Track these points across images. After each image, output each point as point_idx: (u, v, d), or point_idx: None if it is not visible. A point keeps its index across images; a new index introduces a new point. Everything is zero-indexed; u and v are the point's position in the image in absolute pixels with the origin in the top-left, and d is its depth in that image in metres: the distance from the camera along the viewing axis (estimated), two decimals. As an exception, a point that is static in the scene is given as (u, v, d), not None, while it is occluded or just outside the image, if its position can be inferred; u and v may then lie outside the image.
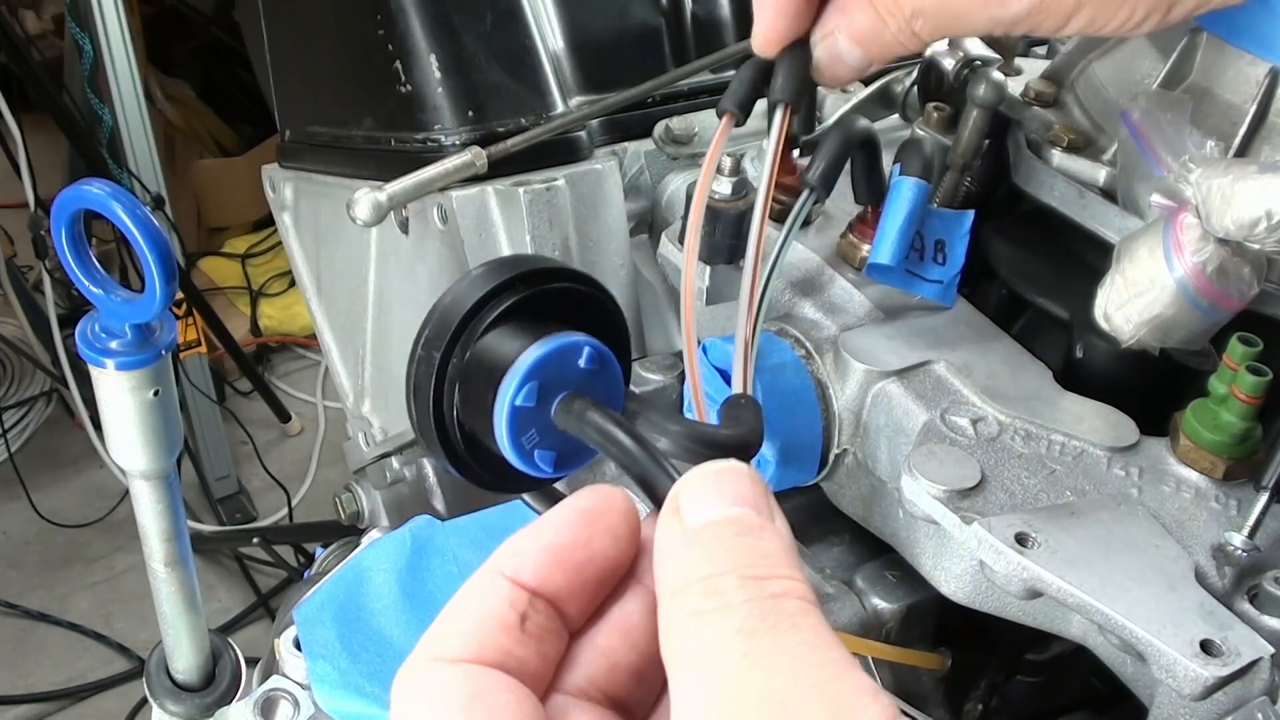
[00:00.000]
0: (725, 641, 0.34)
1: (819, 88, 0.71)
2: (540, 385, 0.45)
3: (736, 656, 0.33)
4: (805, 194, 0.65)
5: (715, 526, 0.37)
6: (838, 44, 0.57)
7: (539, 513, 0.51)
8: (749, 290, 0.53)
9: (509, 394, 0.45)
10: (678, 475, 0.39)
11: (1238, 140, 0.67)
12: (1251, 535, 0.59)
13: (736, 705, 0.32)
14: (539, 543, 0.37)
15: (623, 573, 0.39)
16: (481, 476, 0.49)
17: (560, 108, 1.00)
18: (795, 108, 0.58)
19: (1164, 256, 0.63)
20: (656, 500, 0.40)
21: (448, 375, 0.46)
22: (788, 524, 0.38)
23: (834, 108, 1.01)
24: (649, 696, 0.39)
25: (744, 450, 0.45)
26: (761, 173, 0.56)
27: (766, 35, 0.57)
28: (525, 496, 0.52)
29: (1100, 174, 0.73)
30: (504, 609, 0.36)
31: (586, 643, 0.38)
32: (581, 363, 0.46)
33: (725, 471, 0.38)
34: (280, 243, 1.73)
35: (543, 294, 0.47)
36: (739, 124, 0.62)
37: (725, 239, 0.75)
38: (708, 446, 0.44)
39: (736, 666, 0.33)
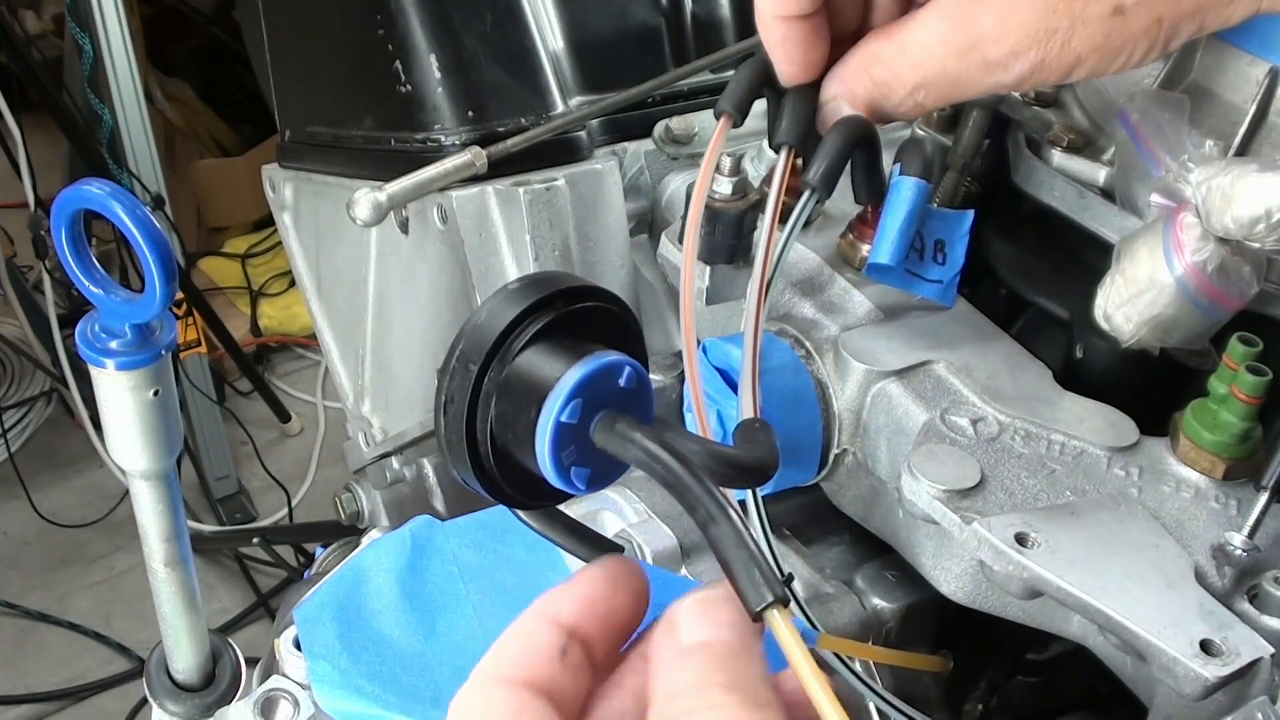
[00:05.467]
0: None
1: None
2: (584, 402, 0.46)
3: None
4: (806, 194, 0.65)
5: (706, 647, 0.42)
6: (840, 109, 0.58)
7: (537, 531, 0.52)
8: (753, 329, 0.55)
9: (554, 410, 0.45)
10: (718, 494, 0.43)
11: (1237, 140, 0.67)
12: (1251, 535, 0.59)
13: None
14: (575, 592, 0.44)
15: (634, 629, 0.45)
16: (505, 492, 0.50)
17: (560, 108, 1.00)
18: (799, 150, 0.59)
19: (1164, 256, 0.63)
20: (698, 519, 0.43)
21: (483, 390, 0.46)
22: (763, 649, 0.43)
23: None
24: None
25: (762, 471, 0.47)
26: (763, 219, 0.57)
27: (781, 71, 0.59)
28: (524, 516, 0.53)
29: (1100, 174, 0.73)
30: (548, 642, 0.42)
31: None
32: (621, 382, 0.46)
33: (714, 600, 0.43)
34: (280, 243, 1.73)
35: (576, 312, 0.48)
36: (737, 124, 0.62)
37: (725, 239, 0.75)
38: (727, 466, 0.46)
39: None
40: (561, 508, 0.54)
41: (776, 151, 0.59)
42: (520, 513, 0.52)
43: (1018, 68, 0.53)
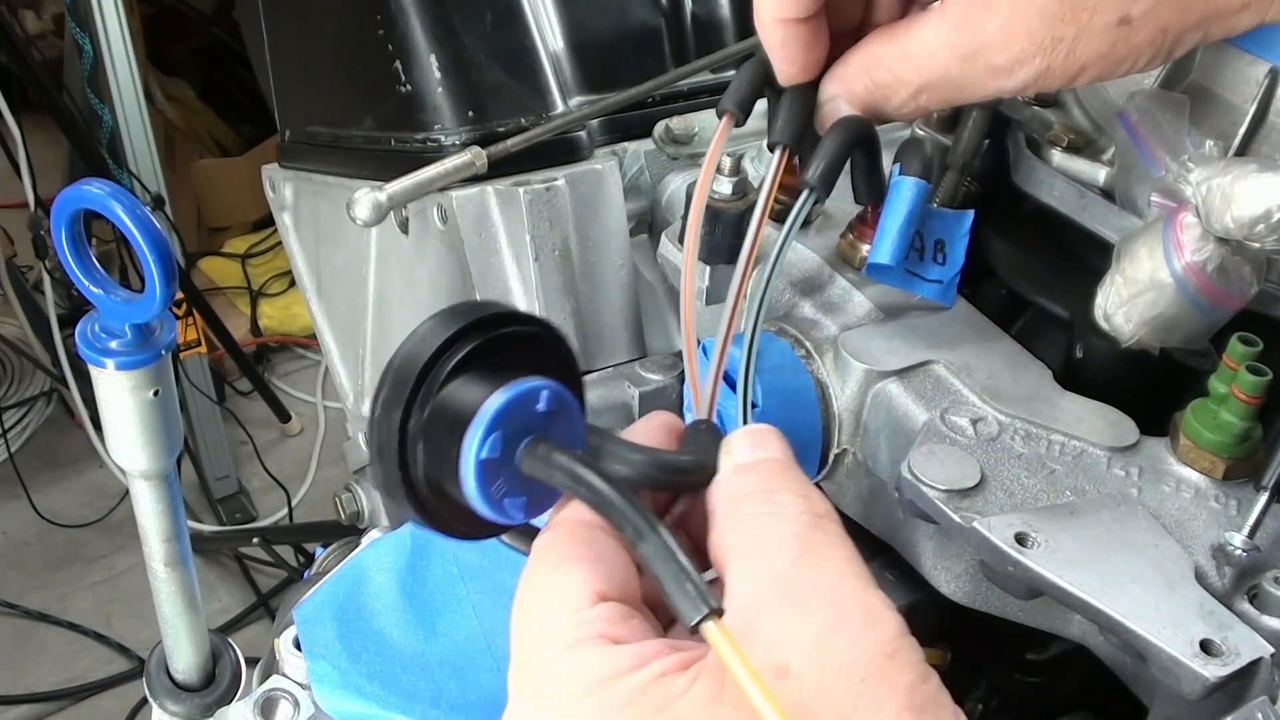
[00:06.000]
0: (783, 540, 0.44)
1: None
2: (503, 434, 0.45)
3: (791, 555, 0.43)
4: (805, 194, 0.65)
5: (762, 462, 0.47)
6: (839, 109, 0.59)
7: (518, 550, 0.52)
8: (725, 328, 0.56)
9: (474, 448, 0.45)
10: (646, 512, 0.45)
11: (1237, 140, 0.67)
12: (1251, 535, 0.59)
13: (789, 587, 0.43)
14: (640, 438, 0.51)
15: None
16: (456, 529, 0.50)
17: (560, 108, 1.00)
18: (795, 150, 0.59)
19: (1164, 256, 0.63)
20: (628, 537, 0.45)
21: (409, 435, 0.46)
22: None
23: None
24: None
25: (703, 473, 0.49)
26: (753, 215, 0.57)
27: (780, 71, 0.59)
28: (506, 540, 0.53)
29: (1100, 174, 0.73)
30: None
31: None
32: (540, 406, 0.46)
33: (763, 430, 0.49)
34: (280, 243, 1.73)
35: (493, 340, 0.47)
36: (739, 124, 0.62)
37: (725, 239, 0.75)
38: (668, 472, 0.48)
39: (792, 561, 0.43)
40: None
41: (772, 151, 0.59)
42: (503, 537, 0.52)
43: (1022, 74, 0.53)
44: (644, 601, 0.47)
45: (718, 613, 0.41)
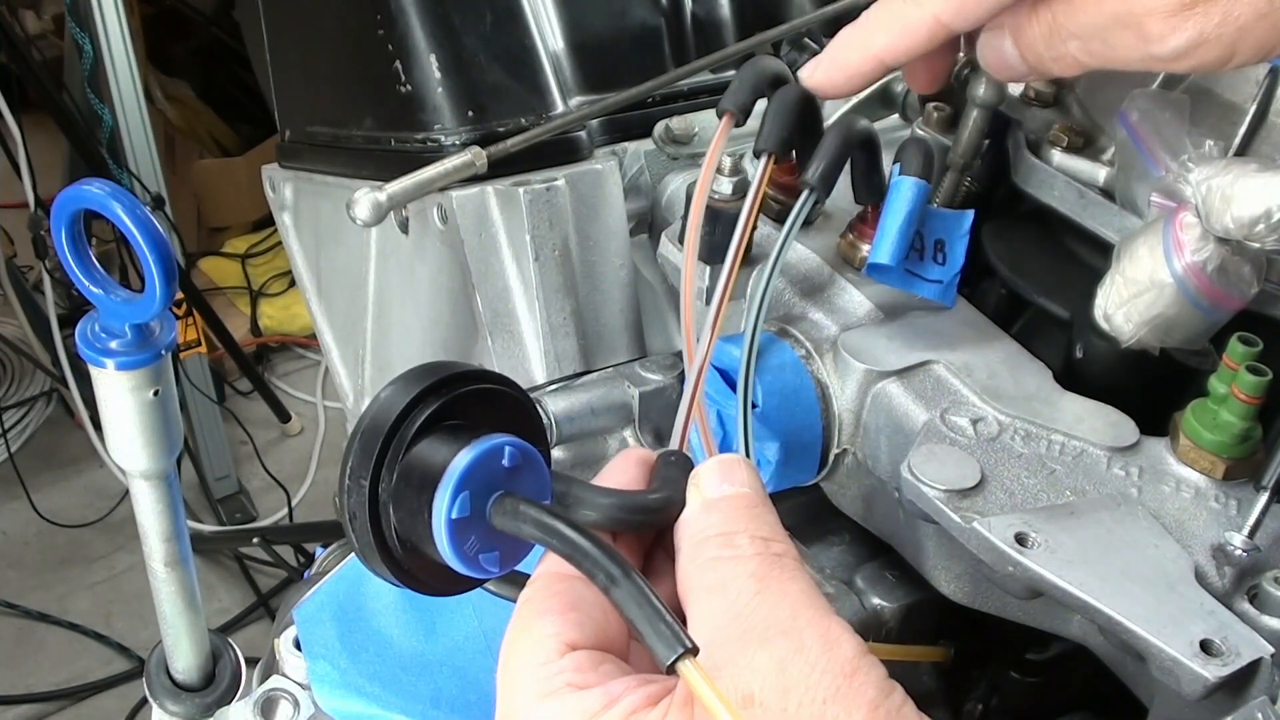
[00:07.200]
0: (740, 580, 0.45)
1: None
2: (471, 492, 0.46)
3: (749, 592, 0.45)
4: (805, 194, 0.65)
5: (728, 499, 0.49)
6: (1004, 47, 0.61)
7: (505, 598, 0.52)
8: (700, 363, 0.57)
9: (443, 509, 0.46)
10: (616, 556, 0.45)
11: (1237, 140, 0.67)
12: (1251, 535, 0.59)
13: (748, 622, 0.44)
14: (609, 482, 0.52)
15: None
16: (434, 586, 0.51)
17: (560, 108, 1.00)
18: (778, 157, 0.60)
19: (1164, 256, 0.63)
20: (599, 584, 0.46)
21: (380, 500, 0.47)
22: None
23: (834, 107, 1.01)
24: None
25: (671, 509, 0.50)
26: (736, 226, 0.58)
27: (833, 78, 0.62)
28: (491, 588, 0.53)
29: (1100, 174, 0.73)
30: None
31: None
32: (505, 462, 0.47)
33: (731, 461, 0.51)
34: (280, 243, 1.73)
35: (454, 399, 0.48)
36: (739, 124, 0.62)
37: (725, 239, 0.74)
38: (636, 513, 0.49)
39: (750, 599, 0.45)
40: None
41: (757, 158, 0.59)
42: (488, 585, 0.53)
43: (1173, 41, 0.54)
44: (632, 639, 0.48)
45: (693, 651, 0.43)
